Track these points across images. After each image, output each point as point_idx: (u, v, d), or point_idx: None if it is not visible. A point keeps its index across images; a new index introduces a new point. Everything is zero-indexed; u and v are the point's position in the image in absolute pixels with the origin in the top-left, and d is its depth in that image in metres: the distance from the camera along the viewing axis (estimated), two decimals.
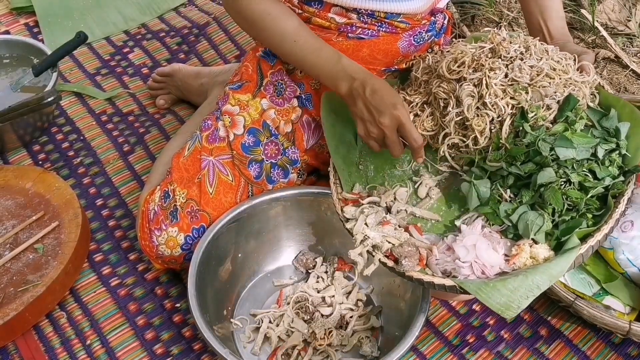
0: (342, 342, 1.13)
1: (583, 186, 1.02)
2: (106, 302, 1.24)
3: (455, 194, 1.12)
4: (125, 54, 1.74)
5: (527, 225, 1.01)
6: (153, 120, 1.58)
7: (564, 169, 1.02)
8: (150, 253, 1.22)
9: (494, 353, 1.16)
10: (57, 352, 1.17)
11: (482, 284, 0.98)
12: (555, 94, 1.07)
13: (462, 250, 1.02)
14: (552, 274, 0.97)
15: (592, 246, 0.98)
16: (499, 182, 1.07)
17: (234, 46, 1.75)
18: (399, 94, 1.10)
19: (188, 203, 1.19)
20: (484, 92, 1.07)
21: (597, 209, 1.02)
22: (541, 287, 0.96)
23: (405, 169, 1.18)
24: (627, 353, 1.16)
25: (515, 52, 1.10)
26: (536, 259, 0.99)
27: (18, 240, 1.27)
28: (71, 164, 1.49)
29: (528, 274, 0.97)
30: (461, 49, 1.13)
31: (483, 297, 0.96)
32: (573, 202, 1.01)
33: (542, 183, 1.02)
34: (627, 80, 1.63)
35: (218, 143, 1.22)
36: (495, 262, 1.01)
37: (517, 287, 0.96)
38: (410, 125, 1.07)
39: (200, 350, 1.17)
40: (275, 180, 1.23)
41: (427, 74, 1.18)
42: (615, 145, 1.05)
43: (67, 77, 1.68)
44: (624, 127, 1.06)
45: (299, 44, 1.12)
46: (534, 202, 1.03)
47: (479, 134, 1.09)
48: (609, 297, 1.14)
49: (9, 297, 1.18)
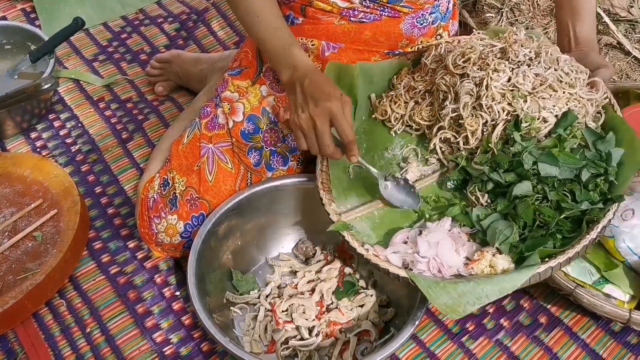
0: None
1: (560, 206, 1.01)
2: (106, 290, 1.24)
3: (436, 189, 1.12)
4: (123, 40, 1.73)
5: (495, 233, 1.01)
6: (152, 107, 1.57)
7: (543, 185, 1.01)
8: (149, 241, 1.22)
9: (494, 341, 1.16)
10: (57, 340, 1.17)
11: (434, 283, 0.98)
12: (553, 107, 1.05)
13: (424, 245, 1.02)
14: (504, 287, 0.96)
15: (552, 267, 0.97)
16: (477, 186, 1.06)
17: (233, 32, 1.73)
18: (339, 89, 1.06)
19: (187, 191, 1.19)
20: (482, 92, 1.06)
21: (568, 231, 1.00)
22: (490, 297, 0.96)
23: (396, 153, 1.17)
24: (627, 341, 1.16)
25: (524, 56, 1.08)
26: (494, 269, 0.99)
27: (17, 228, 1.27)
28: (69, 151, 1.48)
29: (480, 282, 0.96)
30: (472, 43, 1.12)
31: (432, 295, 0.96)
32: (545, 220, 1.00)
33: (517, 195, 1.01)
34: (629, 67, 1.62)
35: (217, 130, 1.21)
36: (454, 264, 1.01)
37: (466, 292, 0.96)
38: (342, 119, 1.03)
39: (200, 338, 1.17)
40: (274, 168, 1.23)
41: (437, 62, 1.17)
42: (603, 170, 1.03)
43: (64, 63, 1.67)
44: (616, 153, 1.03)
45: (259, 19, 1.11)
46: (507, 212, 1.03)
47: (470, 134, 1.08)
48: (609, 286, 1.14)
49: (8, 285, 1.18)
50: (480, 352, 1.15)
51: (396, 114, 1.20)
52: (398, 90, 1.21)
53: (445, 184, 1.13)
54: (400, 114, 1.20)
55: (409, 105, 1.19)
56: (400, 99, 1.20)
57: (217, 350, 1.16)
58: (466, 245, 1.03)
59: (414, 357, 1.14)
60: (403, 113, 1.19)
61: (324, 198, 1.10)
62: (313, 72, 1.08)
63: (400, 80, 1.23)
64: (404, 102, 1.20)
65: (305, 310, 1.13)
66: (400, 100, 1.20)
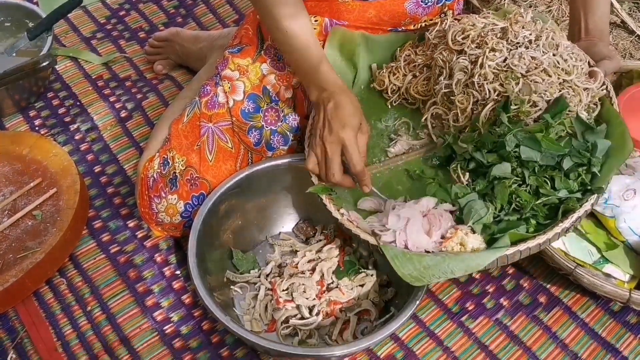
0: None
1: (538, 192, 1.00)
2: (106, 269, 1.24)
3: (421, 163, 1.13)
4: (122, 17, 1.71)
5: (470, 212, 1.01)
6: (151, 85, 1.55)
7: (523, 169, 1.01)
8: (149, 220, 1.22)
9: (493, 320, 1.17)
10: (58, 318, 1.18)
11: (400, 253, 0.99)
12: (545, 92, 1.04)
13: (394, 218, 1.03)
14: (470, 265, 0.97)
15: (521, 251, 0.97)
16: (460, 164, 1.06)
17: (232, 10, 1.71)
18: (358, 117, 1.07)
19: (187, 170, 1.18)
20: (475, 70, 1.05)
21: (543, 218, 1.00)
22: (455, 273, 0.97)
23: (388, 125, 1.18)
24: (627, 321, 1.16)
25: (524, 38, 1.07)
26: (465, 247, 0.99)
27: (16, 207, 1.26)
28: (68, 130, 1.47)
29: (447, 258, 0.97)
30: (473, 21, 1.11)
31: (397, 264, 0.97)
32: (521, 204, 1.00)
33: (496, 176, 1.01)
34: (633, 46, 1.61)
35: (217, 109, 1.20)
36: (422, 245, 1.01)
37: (432, 266, 0.97)
38: (353, 150, 1.04)
39: (201, 317, 1.18)
40: (275, 147, 1.22)
41: (440, 37, 1.16)
42: (587, 160, 1.02)
43: (62, 40, 1.65)
44: (603, 144, 1.02)
45: (288, 35, 1.09)
46: (485, 193, 1.03)
47: (460, 112, 1.08)
48: (609, 265, 1.14)
49: (8, 264, 1.18)
50: (479, 332, 1.15)
51: (393, 85, 1.20)
52: (398, 63, 1.21)
53: (431, 160, 1.13)
54: (397, 86, 1.20)
55: (407, 78, 1.19)
56: (399, 71, 1.20)
57: (217, 329, 1.16)
58: (442, 226, 1.02)
59: (413, 337, 1.15)
60: (400, 85, 1.19)
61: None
62: (339, 94, 1.08)
63: (402, 53, 1.23)
64: (403, 75, 1.20)
65: (306, 289, 1.13)
66: (399, 72, 1.20)
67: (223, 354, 1.13)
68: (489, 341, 1.14)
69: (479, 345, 1.14)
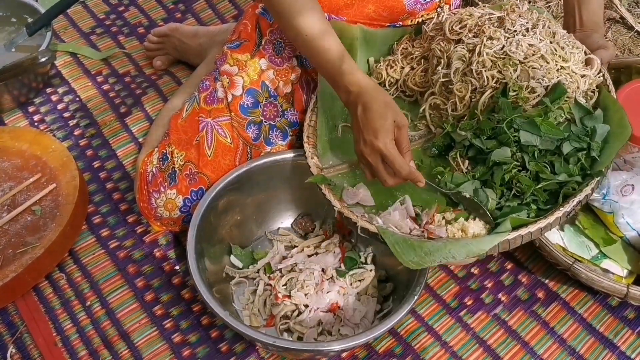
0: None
1: (538, 177, 1.00)
2: (105, 264, 1.25)
3: (420, 154, 1.13)
4: (121, 13, 1.71)
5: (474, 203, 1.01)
6: (150, 81, 1.55)
7: (523, 154, 1.01)
8: (148, 215, 1.22)
9: (491, 315, 1.17)
10: (57, 313, 1.18)
11: (401, 239, 0.99)
12: (543, 78, 1.04)
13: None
14: (471, 249, 0.97)
15: (522, 236, 0.97)
16: (459, 152, 1.06)
17: (231, 5, 1.71)
18: (390, 113, 1.01)
19: (186, 165, 1.19)
20: (474, 59, 1.05)
21: (544, 203, 1.00)
22: (456, 257, 0.96)
23: None
24: (624, 316, 1.17)
25: (521, 26, 1.07)
26: (466, 233, 1.00)
27: (16, 202, 1.27)
28: (67, 126, 1.47)
29: (448, 243, 0.97)
30: (470, 11, 1.11)
31: (398, 251, 0.97)
32: (521, 189, 1.00)
33: (495, 161, 1.01)
34: (632, 42, 1.61)
35: (216, 104, 1.21)
36: (405, 228, 1.03)
37: (434, 252, 0.97)
38: (393, 157, 0.99)
39: (200, 312, 1.18)
40: (273, 143, 1.22)
41: (437, 30, 1.16)
42: (586, 145, 1.02)
43: (61, 36, 1.65)
44: (602, 129, 1.02)
45: (307, 38, 1.06)
46: (485, 180, 1.02)
47: (458, 101, 1.08)
48: (608, 261, 1.14)
49: (7, 259, 1.18)
50: (478, 327, 1.16)
51: (391, 78, 1.20)
52: (395, 56, 1.22)
53: (430, 150, 1.13)
54: (395, 78, 1.20)
55: (404, 70, 1.19)
56: (396, 64, 1.21)
57: (216, 324, 1.16)
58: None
59: (412, 331, 1.15)
60: (398, 78, 1.20)
61: (307, 151, 1.11)
62: (364, 94, 1.02)
63: (399, 46, 1.23)
64: (400, 68, 1.20)
65: (304, 284, 1.13)
66: (397, 65, 1.20)
67: (222, 349, 1.14)
68: (487, 336, 1.15)
69: (477, 340, 1.14)
